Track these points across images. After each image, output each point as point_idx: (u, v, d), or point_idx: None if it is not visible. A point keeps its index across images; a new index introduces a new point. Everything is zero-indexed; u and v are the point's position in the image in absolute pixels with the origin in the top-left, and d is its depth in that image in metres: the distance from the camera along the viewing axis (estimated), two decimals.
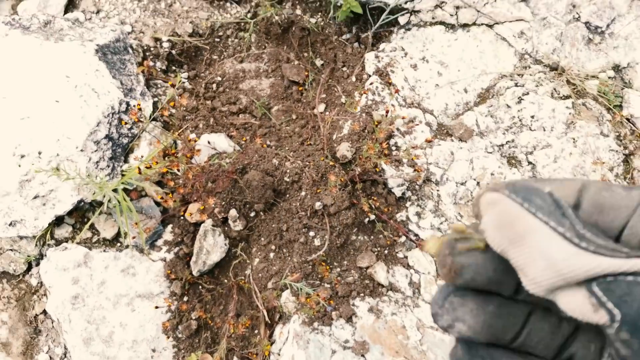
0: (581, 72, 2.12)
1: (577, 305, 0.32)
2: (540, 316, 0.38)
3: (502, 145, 1.99)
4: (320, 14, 2.14)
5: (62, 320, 1.68)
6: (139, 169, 1.63)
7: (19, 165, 1.68)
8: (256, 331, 1.78)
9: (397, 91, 1.94)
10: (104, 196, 1.65)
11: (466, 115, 2.01)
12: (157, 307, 1.67)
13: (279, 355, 1.73)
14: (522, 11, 2.10)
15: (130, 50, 1.91)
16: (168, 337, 1.72)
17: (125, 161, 1.79)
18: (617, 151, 2.00)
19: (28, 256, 1.77)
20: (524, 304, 0.38)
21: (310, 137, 1.98)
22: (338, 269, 1.82)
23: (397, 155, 1.92)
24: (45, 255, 1.75)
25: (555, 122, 2.00)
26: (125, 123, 1.75)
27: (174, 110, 1.89)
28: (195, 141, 1.63)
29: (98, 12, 2.05)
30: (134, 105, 1.77)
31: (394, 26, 2.08)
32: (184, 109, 1.93)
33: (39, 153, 1.68)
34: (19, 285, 1.82)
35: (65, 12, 2.02)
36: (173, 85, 1.85)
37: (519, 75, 2.09)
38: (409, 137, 1.96)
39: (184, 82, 2.00)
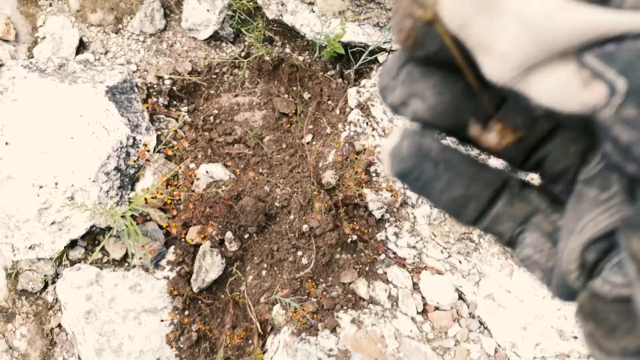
0: None
1: (557, 86, 0.23)
2: (511, 105, 0.29)
3: None
4: (307, 52, 2.37)
5: (76, 333, 1.88)
6: (145, 199, 1.84)
7: (38, 195, 1.89)
8: (250, 341, 1.98)
9: (373, 129, 2.16)
10: (114, 222, 1.86)
11: None
12: (162, 321, 1.88)
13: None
14: None
15: (136, 89, 2.13)
16: (171, 347, 1.92)
17: (132, 189, 2.00)
18: None
19: (45, 275, 1.98)
20: (492, 90, 0.28)
21: (299, 165, 2.19)
22: (323, 285, 2.03)
23: (377, 181, 2.14)
24: (61, 274, 1.95)
25: None
26: (133, 157, 1.96)
27: (175, 143, 2.10)
28: (195, 175, 1.84)
29: (106, 52, 2.26)
30: (140, 141, 1.98)
31: (374, 64, 2.31)
32: (185, 140, 2.14)
33: (56, 184, 1.89)
34: (36, 301, 2.02)
35: (77, 52, 2.24)
36: (176, 131, 2.07)
37: None
38: None
39: (184, 116, 2.21)
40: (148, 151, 1.93)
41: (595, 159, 0.28)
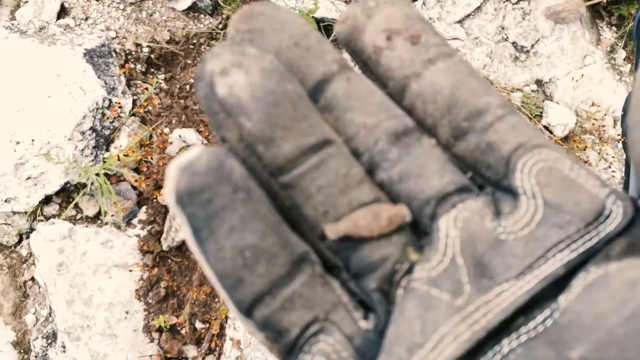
0: (508, 85, 2.46)
1: None
2: None
3: None
4: None
5: (48, 284, 1.96)
6: (118, 156, 1.92)
7: (15, 150, 1.96)
8: (216, 299, 2.08)
9: None
10: (88, 179, 1.94)
11: None
12: (130, 271, 1.96)
13: (234, 319, 2.04)
14: (458, 31, 2.43)
15: (114, 54, 2.20)
16: (140, 301, 2.01)
17: (107, 150, 2.08)
18: None
19: (20, 229, 2.05)
20: None
21: None
22: None
23: None
24: (35, 228, 2.03)
25: None
26: (107, 117, 2.04)
27: (150, 108, 2.18)
28: (167, 135, 1.92)
29: (87, 19, 2.33)
30: (115, 103, 2.06)
31: None
32: (160, 106, 2.22)
33: (32, 140, 1.96)
34: (10, 255, 2.10)
35: (58, 18, 2.30)
36: (146, 89, 2.15)
37: None
38: None
39: (160, 83, 2.29)
40: (120, 107, 2.01)
41: (435, 255, 0.23)
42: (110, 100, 2.07)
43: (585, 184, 0.23)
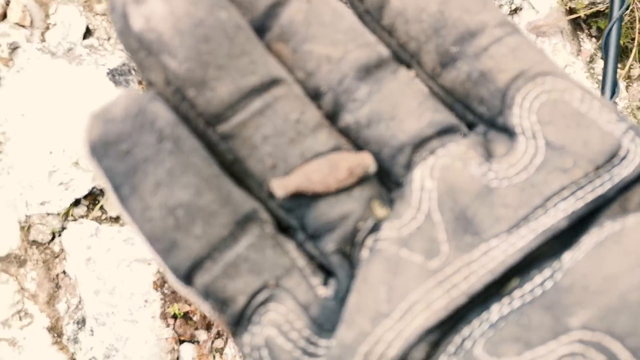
0: None
1: None
2: None
3: None
4: None
5: (78, 276, 2.24)
6: None
7: (48, 160, 2.23)
8: None
9: None
10: None
11: None
12: (149, 264, 2.23)
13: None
14: None
15: (133, 72, 2.47)
16: (157, 292, 2.28)
17: None
18: None
19: (53, 229, 2.33)
20: None
21: None
22: None
23: None
24: (67, 228, 2.30)
25: None
26: None
27: None
28: None
29: (109, 39, 2.59)
30: None
31: None
32: None
33: (63, 150, 2.24)
34: (45, 251, 2.38)
35: (84, 38, 2.57)
36: None
37: None
38: None
39: None
40: None
41: (407, 210, 0.19)
42: None
43: (598, 119, 0.19)
